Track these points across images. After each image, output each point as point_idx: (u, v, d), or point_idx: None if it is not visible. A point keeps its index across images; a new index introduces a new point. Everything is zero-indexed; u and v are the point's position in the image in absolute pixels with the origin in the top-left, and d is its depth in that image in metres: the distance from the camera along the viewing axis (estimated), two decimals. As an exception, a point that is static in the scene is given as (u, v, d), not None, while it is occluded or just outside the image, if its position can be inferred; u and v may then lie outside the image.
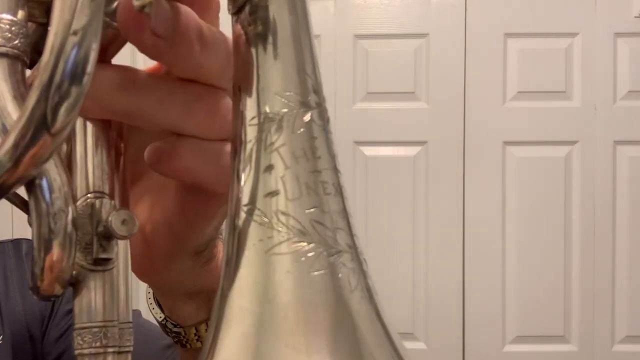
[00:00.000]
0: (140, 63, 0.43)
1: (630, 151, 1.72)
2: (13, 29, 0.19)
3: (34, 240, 0.19)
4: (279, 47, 0.19)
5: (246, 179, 0.18)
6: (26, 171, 0.17)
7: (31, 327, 0.65)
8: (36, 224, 0.19)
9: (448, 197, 1.73)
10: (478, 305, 1.72)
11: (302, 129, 0.18)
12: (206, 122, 0.23)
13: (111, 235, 0.21)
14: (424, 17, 1.74)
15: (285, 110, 0.18)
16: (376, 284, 0.18)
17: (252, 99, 0.19)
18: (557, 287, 1.72)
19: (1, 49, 0.19)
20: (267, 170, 0.18)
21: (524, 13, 1.73)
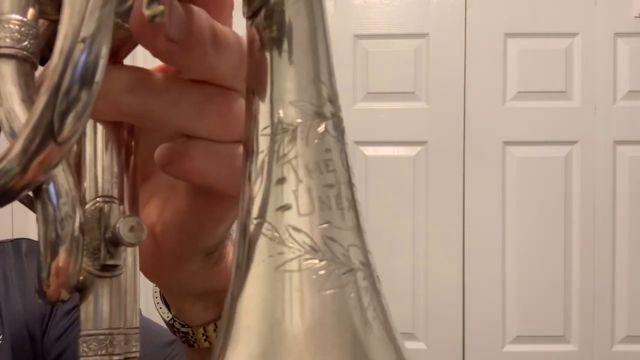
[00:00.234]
0: (140, 59, 0.42)
1: (630, 151, 1.72)
2: (22, 29, 0.19)
3: (41, 245, 0.19)
4: (294, 53, 0.18)
5: (257, 191, 0.18)
6: (35, 177, 0.17)
7: (31, 327, 0.65)
8: (43, 228, 0.19)
9: (448, 197, 1.73)
10: (478, 305, 1.72)
11: (316, 141, 0.18)
12: (218, 124, 0.23)
13: (119, 242, 0.21)
14: (424, 17, 1.74)
15: (300, 120, 0.18)
16: (376, 284, 0.18)
17: (265, 105, 0.18)
18: (557, 287, 1.72)
19: (10, 51, 0.19)
20: (279, 182, 0.17)
21: (524, 13, 1.73)
